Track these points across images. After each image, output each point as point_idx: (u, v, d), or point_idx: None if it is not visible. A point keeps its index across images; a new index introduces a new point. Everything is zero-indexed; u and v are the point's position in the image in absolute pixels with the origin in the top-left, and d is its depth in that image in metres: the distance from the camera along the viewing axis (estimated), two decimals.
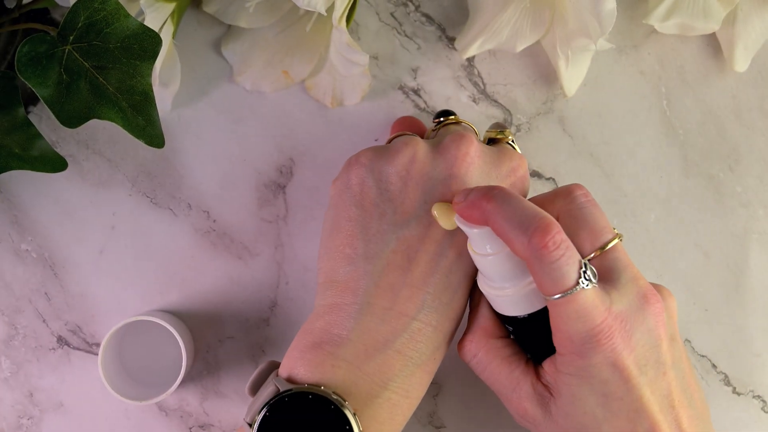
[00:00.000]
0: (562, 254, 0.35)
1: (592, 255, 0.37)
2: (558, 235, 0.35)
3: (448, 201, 0.39)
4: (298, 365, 0.38)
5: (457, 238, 0.39)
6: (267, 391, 0.37)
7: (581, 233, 0.37)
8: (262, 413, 0.36)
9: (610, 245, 0.37)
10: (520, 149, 0.50)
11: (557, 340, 0.37)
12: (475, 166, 0.40)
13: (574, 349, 0.36)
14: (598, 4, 0.41)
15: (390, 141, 0.43)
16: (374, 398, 0.37)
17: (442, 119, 0.44)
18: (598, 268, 0.37)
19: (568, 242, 0.35)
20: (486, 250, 0.37)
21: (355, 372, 0.37)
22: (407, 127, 0.46)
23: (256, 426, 0.36)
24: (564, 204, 0.38)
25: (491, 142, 0.44)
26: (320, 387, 0.36)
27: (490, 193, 0.36)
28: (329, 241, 0.40)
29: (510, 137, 0.45)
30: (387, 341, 0.38)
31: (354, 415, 0.36)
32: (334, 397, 0.36)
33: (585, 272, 0.35)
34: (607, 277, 0.37)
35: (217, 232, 0.49)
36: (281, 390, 0.36)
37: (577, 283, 0.35)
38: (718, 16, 0.46)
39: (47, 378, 0.48)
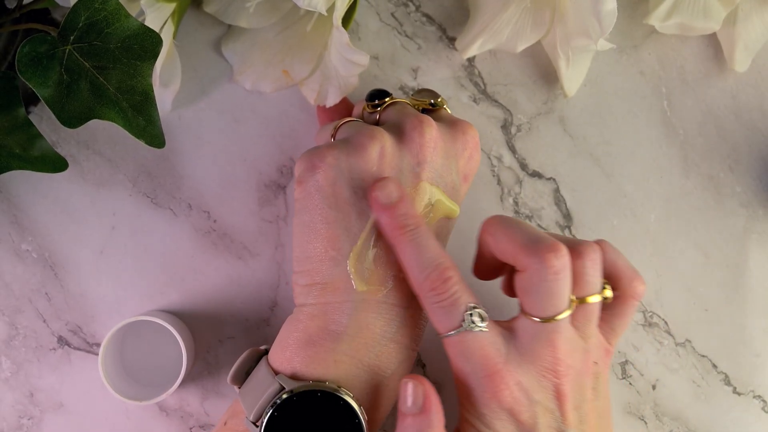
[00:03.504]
0: (449, 295, 0.37)
1: (535, 320, 0.38)
2: (450, 281, 0.37)
3: (417, 188, 0.40)
4: (297, 362, 0.38)
5: (431, 221, 0.40)
6: (270, 389, 0.37)
7: (531, 298, 0.38)
8: (270, 412, 0.36)
9: (553, 319, 0.37)
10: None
11: (457, 388, 0.38)
12: (439, 149, 0.40)
13: (470, 395, 0.38)
14: (598, 4, 0.41)
15: (337, 128, 0.42)
16: (374, 387, 0.38)
17: (377, 101, 0.43)
18: (526, 331, 0.38)
19: (459, 286, 0.37)
20: None
21: (356, 365, 0.38)
22: (340, 110, 0.46)
23: (263, 426, 0.36)
24: (533, 265, 0.37)
25: (425, 111, 0.44)
26: (325, 382, 0.37)
27: (404, 232, 0.38)
28: (308, 246, 0.39)
29: (446, 104, 0.45)
30: (384, 333, 0.39)
31: (360, 407, 0.37)
32: (343, 392, 0.36)
33: (471, 315, 0.37)
34: (524, 340, 0.38)
35: (218, 232, 0.49)
36: (287, 388, 0.36)
37: (462, 324, 0.37)
38: (719, 16, 0.46)
39: (47, 378, 0.48)
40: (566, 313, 0.37)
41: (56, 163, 0.41)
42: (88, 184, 0.48)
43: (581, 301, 0.38)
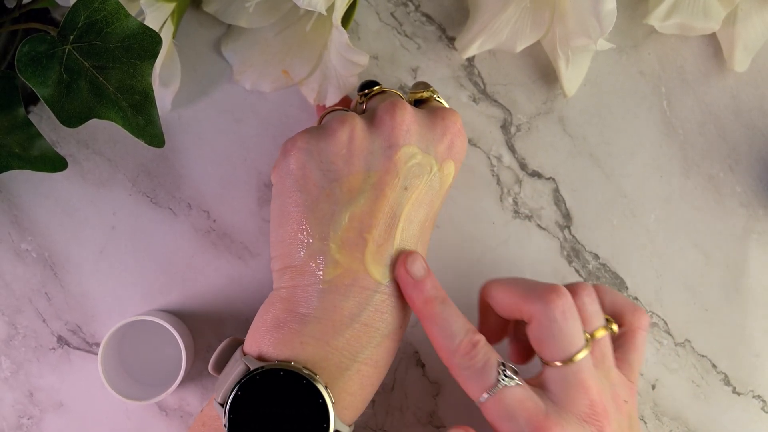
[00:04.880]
0: (481, 357, 0.38)
1: (559, 364, 0.38)
2: (479, 344, 0.38)
3: (388, 171, 0.39)
4: (265, 344, 0.38)
5: (406, 206, 0.40)
6: (237, 370, 0.37)
7: (547, 343, 0.38)
8: (234, 392, 0.36)
9: (575, 359, 0.38)
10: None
11: None
12: (412, 132, 0.40)
13: None
14: (598, 4, 0.41)
15: (323, 117, 0.43)
16: (344, 371, 0.38)
17: (366, 91, 0.44)
18: (554, 380, 0.38)
19: (488, 348, 0.38)
20: None
21: (323, 347, 0.38)
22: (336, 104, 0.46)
23: (228, 405, 0.36)
24: (539, 310, 0.38)
25: (418, 103, 0.44)
26: (290, 363, 0.37)
27: (433, 306, 0.39)
28: (281, 230, 0.40)
29: (436, 94, 0.45)
30: (353, 316, 0.38)
31: (326, 388, 0.37)
32: (305, 372, 0.36)
33: (503, 371, 0.37)
34: (556, 390, 0.38)
35: (218, 232, 0.49)
36: (251, 368, 0.37)
37: (498, 381, 0.37)
38: (718, 16, 0.46)
39: (47, 378, 0.48)
40: (585, 351, 0.38)
41: (56, 163, 0.41)
42: (88, 184, 0.48)
43: (592, 336, 0.39)
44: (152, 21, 0.41)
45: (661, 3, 0.46)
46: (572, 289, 0.40)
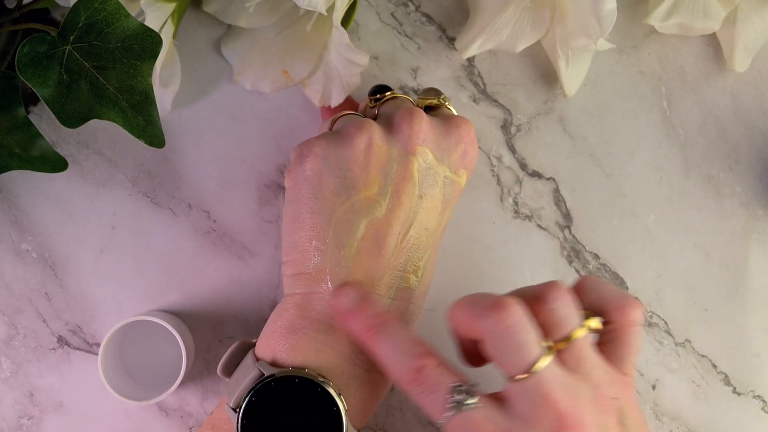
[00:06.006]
0: (430, 382, 0.34)
1: (518, 377, 0.34)
2: (426, 368, 0.35)
3: (404, 180, 0.39)
4: (279, 349, 0.38)
5: (420, 214, 0.40)
6: (250, 375, 0.37)
7: (499, 360, 0.34)
8: (248, 398, 0.36)
9: (533, 370, 0.33)
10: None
11: None
12: (429, 141, 0.40)
13: None
14: (598, 4, 0.41)
15: (334, 121, 0.42)
16: (356, 378, 0.38)
17: (378, 95, 0.43)
18: (517, 395, 0.34)
19: (437, 369, 0.35)
20: None
21: (338, 355, 0.38)
22: (343, 109, 0.46)
23: (241, 411, 0.36)
24: (484, 329, 0.34)
25: (428, 109, 0.44)
26: (305, 370, 0.37)
27: (374, 333, 0.36)
28: (295, 236, 0.39)
29: (447, 102, 0.44)
30: None
31: (339, 395, 0.36)
32: (320, 379, 0.36)
33: (456, 394, 0.34)
34: (519, 405, 0.34)
35: (218, 232, 0.49)
36: (266, 374, 0.37)
37: (448, 406, 0.34)
38: (718, 16, 0.46)
39: (47, 378, 0.48)
40: (544, 360, 0.33)
41: (56, 163, 0.41)
42: (88, 184, 0.48)
43: (566, 341, 0.35)
44: (152, 21, 0.41)
45: (661, 3, 0.46)
46: (539, 294, 0.35)
